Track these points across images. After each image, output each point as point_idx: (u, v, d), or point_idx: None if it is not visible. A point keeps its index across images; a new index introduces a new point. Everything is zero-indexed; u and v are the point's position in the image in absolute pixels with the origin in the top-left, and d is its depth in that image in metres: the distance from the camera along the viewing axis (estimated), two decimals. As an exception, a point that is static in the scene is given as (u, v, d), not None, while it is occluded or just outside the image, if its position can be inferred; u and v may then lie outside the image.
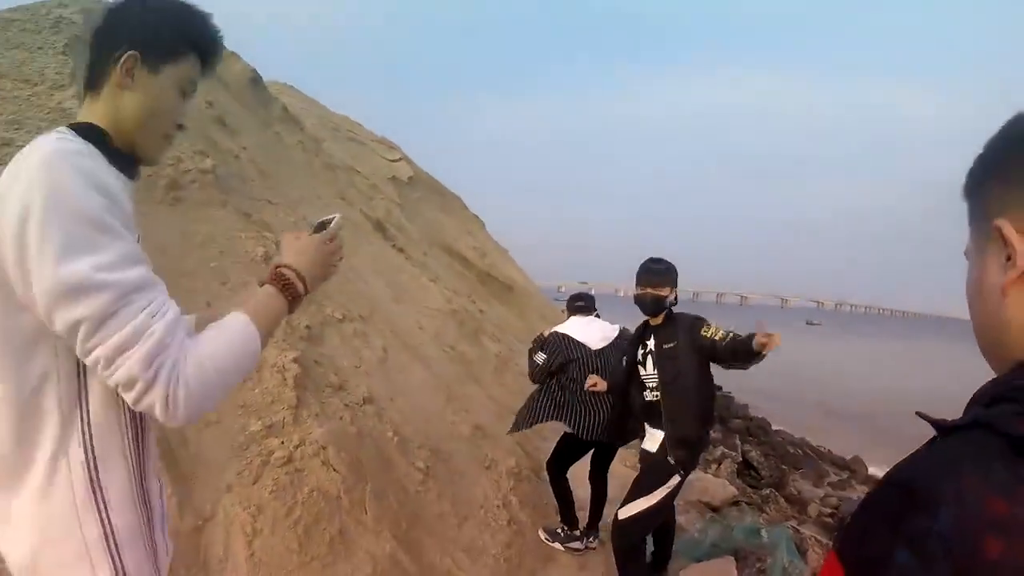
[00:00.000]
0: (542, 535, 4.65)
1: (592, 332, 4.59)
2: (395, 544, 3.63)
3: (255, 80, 7.22)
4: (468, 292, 9.01)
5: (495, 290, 10.35)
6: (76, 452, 1.14)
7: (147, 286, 1.09)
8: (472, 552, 4.11)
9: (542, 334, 4.73)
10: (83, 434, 1.15)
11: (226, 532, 3.20)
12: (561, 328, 4.64)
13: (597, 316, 4.80)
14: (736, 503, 6.73)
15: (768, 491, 8.39)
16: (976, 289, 0.78)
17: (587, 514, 4.71)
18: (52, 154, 1.06)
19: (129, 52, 1.23)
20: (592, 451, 4.65)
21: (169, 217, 4.36)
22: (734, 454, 9.76)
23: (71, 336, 1.05)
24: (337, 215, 1.59)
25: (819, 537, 6.41)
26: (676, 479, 3.66)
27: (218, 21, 1.34)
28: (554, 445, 4.82)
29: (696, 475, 7.19)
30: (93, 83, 1.26)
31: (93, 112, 1.25)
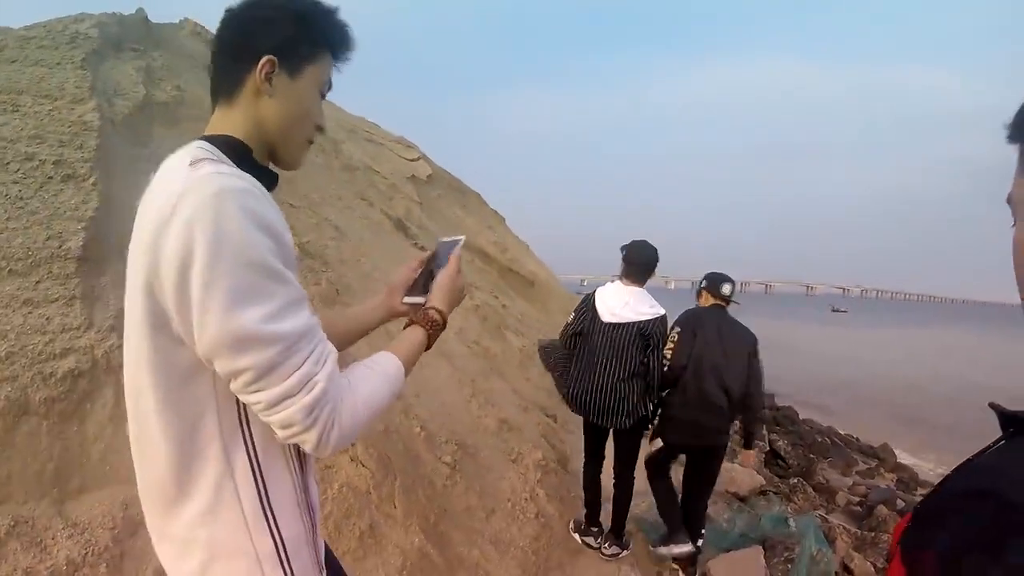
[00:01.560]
0: (603, 549, 4.49)
1: (614, 302, 4.26)
2: (423, 538, 3.69)
3: (272, 84, 7.29)
4: (490, 287, 9.06)
5: (517, 285, 10.37)
6: (243, 471, 1.14)
7: (310, 331, 1.09)
8: (500, 545, 4.15)
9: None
10: (248, 454, 1.15)
11: (259, 528, 3.25)
12: (600, 288, 4.39)
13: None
14: (763, 493, 6.79)
15: (796, 480, 8.36)
16: None
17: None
18: (218, 194, 1.01)
19: (267, 57, 1.21)
20: (615, 440, 4.45)
21: (193, 223, 4.42)
22: (761, 444, 9.73)
23: (231, 380, 1.05)
24: (462, 237, 1.64)
25: (847, 526, 6.39)
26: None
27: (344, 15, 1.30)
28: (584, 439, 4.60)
29: (724, 465, 7.21)
30: (227, 92, 1.24)
31: (230, 122, 1.24)
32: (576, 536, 4.57)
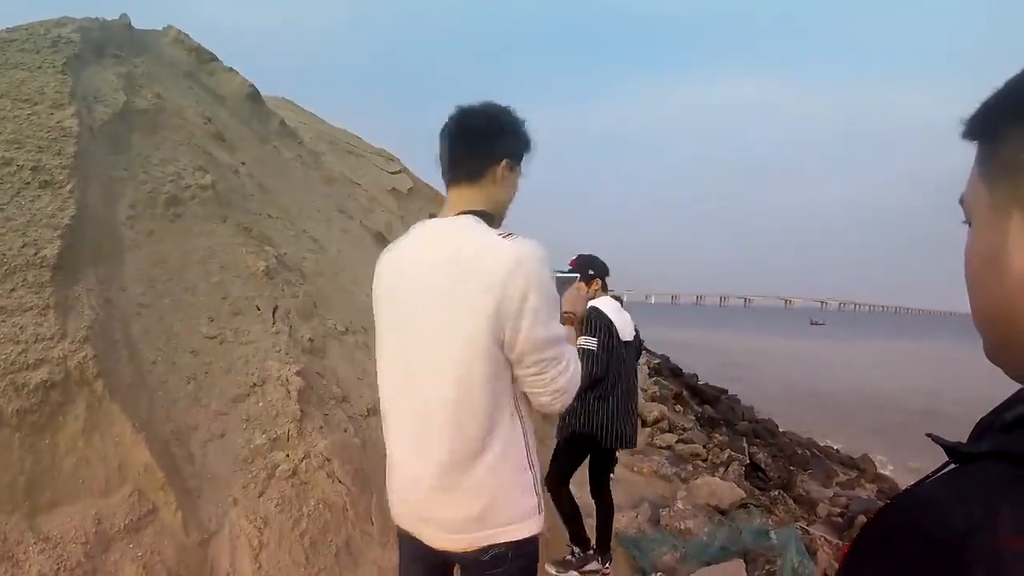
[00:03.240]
0: (550, 570, 4.27)
1: (624, 320, 4.20)
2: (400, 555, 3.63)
3: (253, 95, 7.24)
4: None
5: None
6: (517, 431, 1.74)
7: (565, 338, 1.76)
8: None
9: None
10: (519, 419, 1.75)
11: (232, 546, 3.22)
12: (599, 305, 4.14)
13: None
14: (744, 505, 6.79)
15: (776, 492, 8.38)
16: (988, 262, 0.60)
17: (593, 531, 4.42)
18: (540, 257, 1.63)
19: (507, 160, 1.79)
20: (590, 457, 4.36)
21: (170, 233, 4.37)
22: (741, 456, 9.77)
23: (533, 364, 1.66)
24: (577, 275, 2.61)
25: (829, 537, 6.42)
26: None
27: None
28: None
29: (704, 479, 7.25)
30: (469, 175, 1.78)
31: (476, 197, 1.78)
32: (573, 574, 4.30)
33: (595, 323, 4.04)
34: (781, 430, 13.89)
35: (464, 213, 1.74)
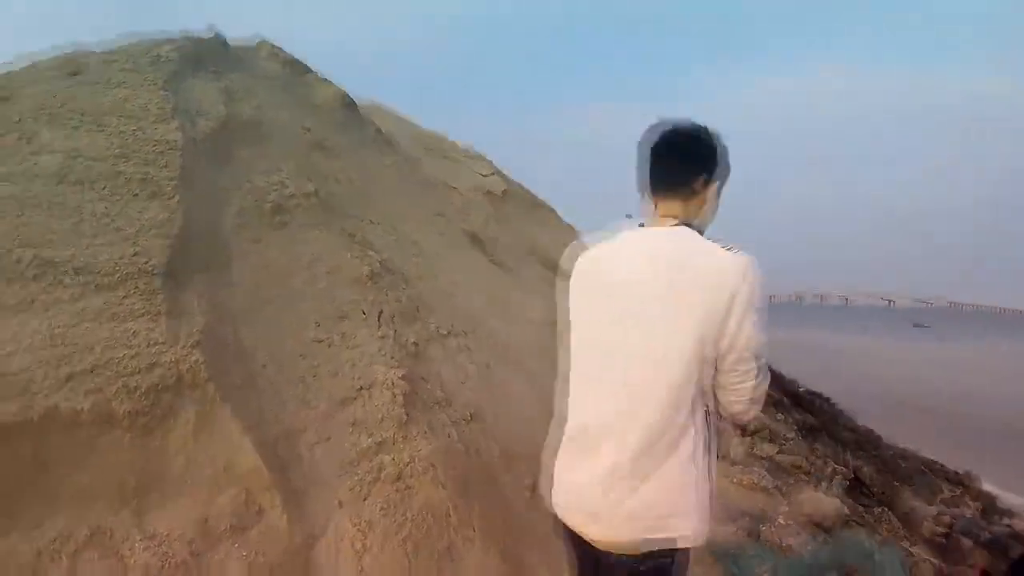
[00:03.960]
0: None
1: None
2: (501, 561, 3.58)
3: (348, 104, 7.33)
4: (566, 304, 8.88)
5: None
6: (703, 430, 1.77)
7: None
8: (578, 567, 3.99)
9: None
10: (707, 423, 1.80)
11: (336, 548, 3.20)
12: None
13: None
14: (847, 523, 6.50)
15: (881, 510, 7.97)
16: None
17: None
18: (755, 266, 1.72)
19: (713, 177, 1.89)
20: None
21: (276, 239, 4.44)
22: (845, 470, 9.33)
23: (737, 368, 1.74)
24: None
25: (931, 559, 6.09)
26: None
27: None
28: None
29: (806, 493, 6.96)
30: (676, 190, 1.86)
31: (685, 212, 1.86)
32: None
33: None
34: (884, 440, 13.18)
35: (680, 225, 1.85)
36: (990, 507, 9.81)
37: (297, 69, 6.94)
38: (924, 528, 7.95)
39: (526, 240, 9.73)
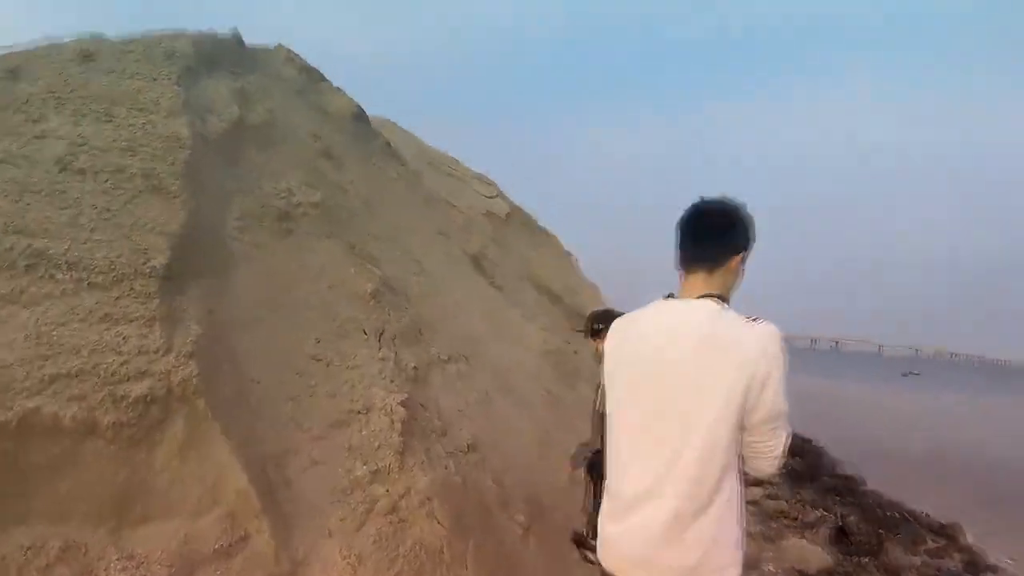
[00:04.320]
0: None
1: None
2: (493, 602, 3.41)
3: (358, 115, 7.24)
4: (562, 332, 8.76)
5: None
6: (735, 490, 1.88)
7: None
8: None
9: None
10: (737, 480, 1.89)
11: (323, 580, 3.02)
12: None
13: None
14: (831, 574, 6.60)
15: (865, 559, 7.90)
16: None
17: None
18: (780, 338, 1.84)
19: (742, 251, 1.98)
20: None
21: (279, 248, 4.30)
22: (830, 517, 9.23)
23: (764, 432, 1.84)
24: None
25: None
26: None
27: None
28: None
29: (792, 540, 6.91)
30: (710, 263, 1.95)
31: (715, 284, 1.95)
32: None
33: None
34: (868, 488, 13.08)
35: (703, 297, 1.94)
36: (975, 561, 9.72)
37: (313, 76, 6.83)
38: None
39: (526, 265, 9.63)
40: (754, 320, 1.88)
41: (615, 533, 1.99)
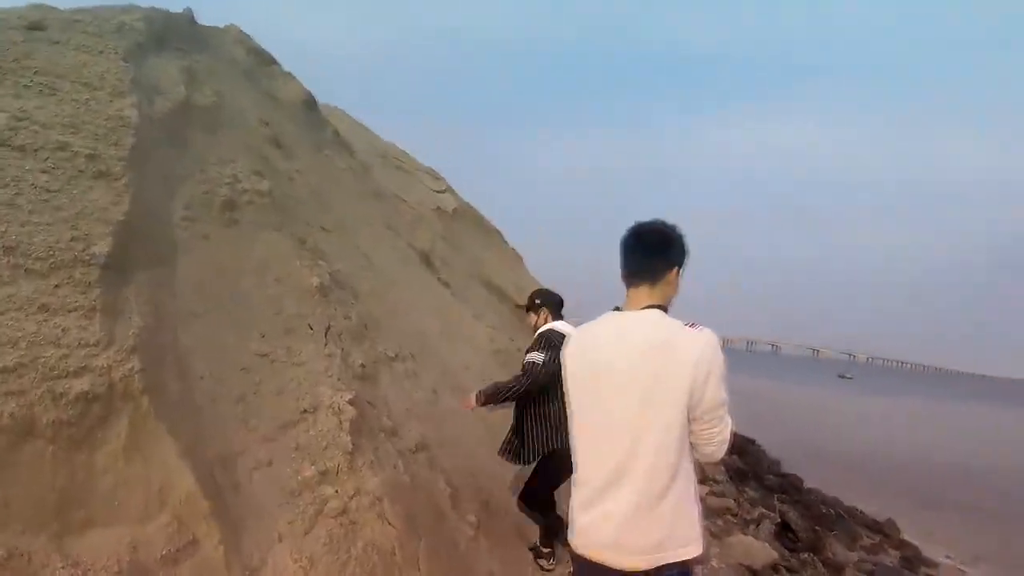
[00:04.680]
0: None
1: None
2: (446, 604, 3.36)
3: (309, 103, 7.07)
4: (509, 330, 8.72)
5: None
6: (690, 474, 2.16)
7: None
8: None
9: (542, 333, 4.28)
10: (692, 463, 2.16)
11: (275, 585, 2.91)
12: (558, 327, 4.22)
13: None
14: (776, 568, 6.66)
15: (807, 555, 8.10)
16: None
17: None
18: (716, 340, 2.11)
19: (678, 265, 2.26)
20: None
21: (225, 238, 4.14)
22: (772, 515, 9.45)
23: (708, 421, 2.08)
24: None
25: None
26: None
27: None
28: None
29: (737, 536, 7.01)
30: (652, 279, 2.21)
31: (654, 296, 2.22)
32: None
33: (547, 341, 4.15)
34: (807, 486, 13.41)
35: (648, 308, 2.21)
36: (913, 557, 10.05)
37: (263, 59, 6.63)
38: (847, 574, 8.11)
39: (474, 262, 9.56)
40: (692, 326, 2.13)
41: (585, 522, 2.22)
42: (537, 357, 4.09)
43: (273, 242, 4.47)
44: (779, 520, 9.30)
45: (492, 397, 4.08)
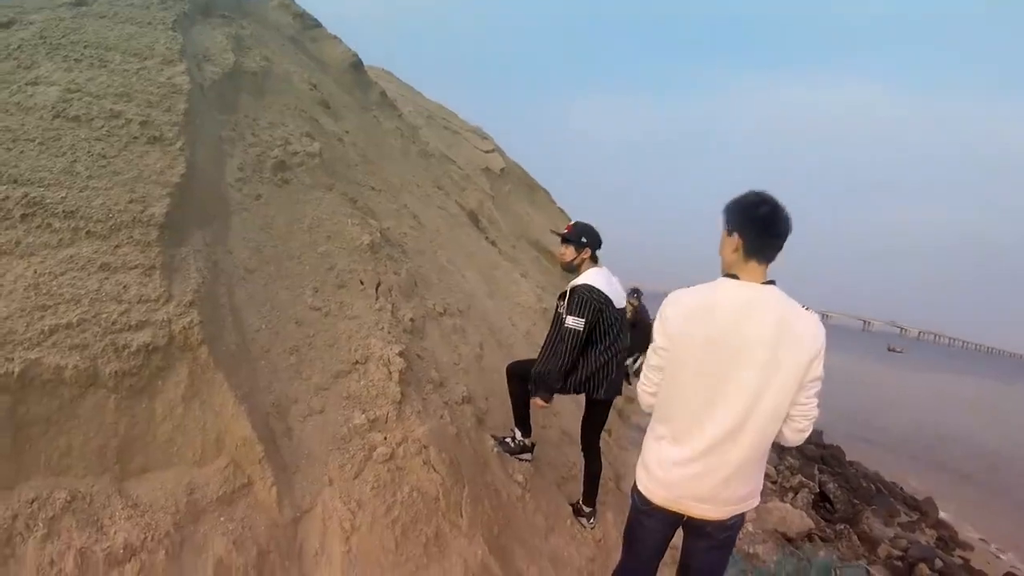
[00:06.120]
0: (490, 440, 4.36)
1: (616, 288, 4.09)
2: (486, 551, 3.48)
3: (356, 64, 7.15)
4: (556, 289, 8.77)
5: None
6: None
7: None
8: (557, 563, 3.93)
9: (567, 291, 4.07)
10: None
11: (324, 527, 3.09)
12: (590, 281, 3.99)
13: None
14: (810, 536, 6.77)
15: (843, 526, 8.08)
16: None
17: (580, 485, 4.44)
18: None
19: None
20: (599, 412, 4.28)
21: (277, 197, 4.29)
22: (811, 483, 9.43)
23: (812, 392, 2.31)
24: None
25: None
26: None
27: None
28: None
29: (774, 503, 7.04)
30: (770, 259, 2.33)
31: (767, 274, 2.35)
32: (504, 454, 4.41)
33: (584, 301, 3.90)
34: (848, 459, 13.25)
35: (768, 283, 2.32)
36: (948, 538, 9.94)
37: (308, 23, 6.72)
38: (881, 549, 8.08)
39: (521, 221, 9.60)
40: (807, 308, 2.33)
41: (679, 475, 2.40)
42: (577, 323, 3.88)
43: (324, 202, 4.60)
44: (817, 490, 9.33)
45: (549, 385, 3.94)
